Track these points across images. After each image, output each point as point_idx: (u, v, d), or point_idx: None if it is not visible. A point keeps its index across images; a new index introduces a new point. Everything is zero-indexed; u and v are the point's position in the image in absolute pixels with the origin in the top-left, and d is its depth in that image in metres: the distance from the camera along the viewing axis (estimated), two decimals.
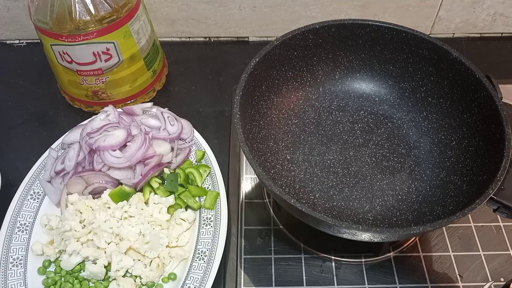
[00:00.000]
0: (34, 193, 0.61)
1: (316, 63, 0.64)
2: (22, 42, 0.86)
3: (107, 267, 0.56)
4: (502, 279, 0.56)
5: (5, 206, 0.59)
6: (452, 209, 0.53)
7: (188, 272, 0.54)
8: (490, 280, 0.56)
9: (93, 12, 0.62)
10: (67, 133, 0.65)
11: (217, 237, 0.56)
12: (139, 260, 0.56)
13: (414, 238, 0.59)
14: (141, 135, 0.61)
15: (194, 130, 0.67)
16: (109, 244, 0.56)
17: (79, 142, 0.62)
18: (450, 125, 0.60)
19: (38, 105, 0.76)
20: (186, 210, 0.60)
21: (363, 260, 0.58)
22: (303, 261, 0.58)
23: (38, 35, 0.66)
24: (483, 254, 0.58)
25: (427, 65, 0.61)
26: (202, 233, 0.57)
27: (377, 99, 0.66)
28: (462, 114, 0.58)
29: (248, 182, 0.65)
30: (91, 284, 0.55)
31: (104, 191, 0.60)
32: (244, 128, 0.53)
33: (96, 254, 0.55)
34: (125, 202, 0.59)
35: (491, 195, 0.46)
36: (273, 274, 0.56)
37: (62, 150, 0.65)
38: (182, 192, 0.61)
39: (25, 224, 0.59)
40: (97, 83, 0.69)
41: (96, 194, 0.61)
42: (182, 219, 0.59)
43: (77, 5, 0.61)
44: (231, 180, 0.65)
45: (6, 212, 0.59)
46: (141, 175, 0.60)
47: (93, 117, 0.65)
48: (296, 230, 0.60)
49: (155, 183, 0.61)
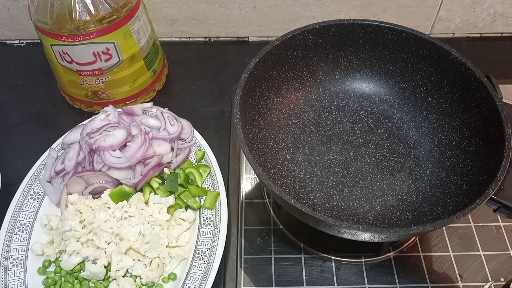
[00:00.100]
0: (34, 193, 0.61)
1: (316, 63, 0.64)
2: (22, 42, 0.86)
3: (107, 267, 0.56)
4: (502, 279, 0.56)
5: (5, 206, 0.59)
6: (452, 209, 0.53)
7: (188, 272, 0.54)
8: (490, 280, 0.56)
9: (93, 12, 0.62)
10: (67, 133, 0.65)
11: (217, 237, 0.56)
12: (139, 260, 0.56)
13: (414, 238, 0.59)
14: (141, 135, 0.61)
15: (194, 130, 0.67)
16: (109, 244, 0.56)
17: (79, 142, 0.62)
18: (450, 125, 0.60)
19: (38, 105, 0.76)
20: (186, 210, 0.60)
21: (363, 260, 0.58)
22: (303, 261, 0.58)
23: (38, 35, 0.66)
24: (483, 254, 0.58)
25: (427, 65, 0.61)
26: (202, 233, 0.57)
27: (377, 99, 0.66)
28: (462, 114, 0.58)
29: (248, 182, 0.65)
30: (91, 284, 0.55)
31: (104, 191, 0.60)
32: (244, 128, 0.53)
33: (96, 254, 0.55)
34: (125, 202, 0.59)
35: (491, 195, 0.46)
36: (273, 274, 0.56)
37: (62, 150, 0.65)
38: (182, 192, 0.61)
39: (25, 224, 0.59)
40: (97, 83, 0.69)
41: (96, 194, 0.61)
42: (182, 219, 0.59)
43: (77, 5, 0.61)
44: (231, 180, 0.65)
45: (6, 212, 0.59)
46: (141, 175, 0.60)
47: (93, 117, 0.65)
48: (296, 230, 0.60)
49: (155, 183, 0.61)
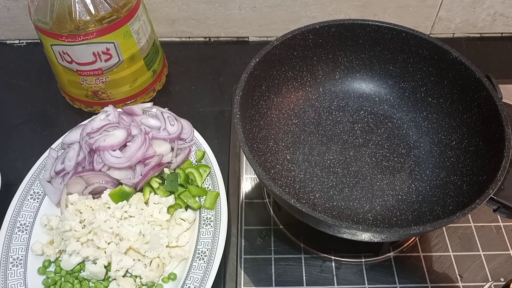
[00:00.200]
0: (34, 193, 0.61)
1: (316, 63, 0.64)
2: (22, 42, 0.86)
3: (107, 267, 0.56)
4: (502, 279, 0.56)
5: (5, 206, 0.59)
6: (452, 209, 0.53)
7: (188, 272, 0.54)
8: (490, 280, 0.56)
9: (93, 12, 0.62)
10: (67, 133, 0.65)
11: (217, 237, 0.56)
12: (139, 260, 0.56)
13: (414, 238, 0.59)
14: (141, 135, 0.61)
15: (194, 130, 0.67)
16: (109, 244, 0.56)
17: (79, 142, 0.62)
18: (450, 125, 0.60)
19: (38, 105, 0.76)
20: (186, 210, 0.60)
21: (363, 260, 0.58)
22: (303, 261, 0.58)
23: (38, 35, 0.66)
24: (483, 254, 0.58)
25: (427, 65, 0.61)
26: (202, 233, 0.57)
27: (377, 99, 0.66)
28: (462, 114, 0.58)
29: (248, 182, 0.65)
30: (91, 284, 0.55)
31: (104, 191, 0.60)
32: (244, 128, 0.53)
33: (96, 254, 0.55)
34: (125, 202, 0.59)
35: (491, 195, 0.46)
36: (273, 274, 0.56)
37: (62, 150, 0.65)
38: (182, 192, 0.61)
39: (25, 224, 0.59)
40: (97, 83, 0.69)
41: (96, 194, 0.61)
42: (182, 219, 0.59)
43: (77, 5, 0.61)
44: (231, 180, 0.65)
45: (6, 212, 0.59)
46: (141, 175, 0.60)
47: (93, 117, 0.65)
48: (296, 230, 0.60)
49: (155, 183, 0.61)
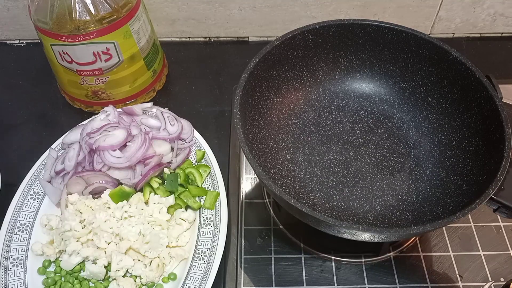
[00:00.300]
0: (34, 193, 0.61)
1: (316, 63, 0.64)
2: (22, 42, 0.86)
3: (107, 267, 0.56)
4: (502, 279, 0.56)
5: (5, 206, 0.59)
6: (452, 209, 0.53)
7: (188, 272, 0.54)
8: (490, 280, 0.56)
9: (93, 12, 0.62)
10: (67, 133, 0.65)
11: (217, 237, 0.56)
12: (139, 260, 0.56)
13: (414, 238, 0.59)
14: (141, 135, 0.61)
15: (194, 130, 0.67)
16: (109, 244, 0.56)
17: (79, 142, 0.62)
18: (450, 125, 0.60)
19: (38, 105, 0.76)
20: (186, 210, 0.60)
21: (363, 260, 0.58)
22: (303, 261, 0.58)
23: (38, 35, 0.66)
24: (483, 254, 0.58)
25: (427, 65, 0.61)
26: (202, 233, 0.57)
27: (377, 99, 0.66)
28: (462, 114, 0.58)
29: (248, 182, 0.65)
30: (91, 284, 0.55)
31: (104, 191, 0.60)
32: (244, 128, 0.53)
33: (96, 254, 0.55)
34: (125, 202, 0.59)
35: (491, 195, 0.46)
36: (273, 274, 0.56)
37: (62, 150, 0.65)
38: (182, 192, 0.61)
39: (25, 224, 0.58)
40: (97, 83, 0.69)
41: (96, 194, 0.61)
42: (182, 219, 0.59)
43: (77, 5, 0.61)
44: (231, 180, 0.65)
45: (6, 212, 0.59)
46: (141, 175, 0.60)
47: (93, 117, 0.65)
48: (296, 230, 0.60)
49: (155, 183, 0.61)
